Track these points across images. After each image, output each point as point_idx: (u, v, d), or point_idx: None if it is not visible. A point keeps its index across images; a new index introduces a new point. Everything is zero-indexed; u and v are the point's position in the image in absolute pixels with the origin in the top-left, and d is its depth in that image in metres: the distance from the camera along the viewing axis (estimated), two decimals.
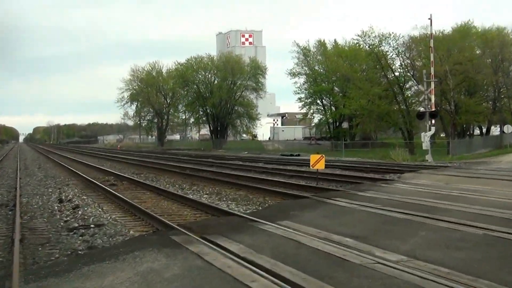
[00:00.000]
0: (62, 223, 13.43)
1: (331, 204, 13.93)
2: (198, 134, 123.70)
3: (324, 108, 77.47)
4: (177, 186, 22.39)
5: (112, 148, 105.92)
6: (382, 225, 10.77)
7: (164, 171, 30.53)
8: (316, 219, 11.73)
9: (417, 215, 11.64)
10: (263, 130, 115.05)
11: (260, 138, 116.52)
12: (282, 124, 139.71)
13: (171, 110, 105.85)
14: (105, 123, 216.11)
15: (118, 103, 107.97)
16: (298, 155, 54.74)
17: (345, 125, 78.86)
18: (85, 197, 18.54)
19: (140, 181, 23.42)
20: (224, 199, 17.54)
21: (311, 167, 21.11)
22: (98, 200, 17.63)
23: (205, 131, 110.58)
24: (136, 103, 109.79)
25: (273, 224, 10.81)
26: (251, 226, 10.77)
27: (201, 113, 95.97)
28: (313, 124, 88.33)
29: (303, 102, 77.48)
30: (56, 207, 16.42)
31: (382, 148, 54.21)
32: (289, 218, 11.69)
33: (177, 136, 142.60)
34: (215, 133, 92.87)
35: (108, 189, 19.29)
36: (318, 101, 77.77)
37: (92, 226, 12.72)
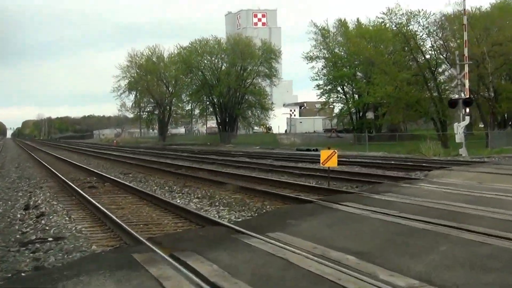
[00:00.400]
0: (18, 236, 12.69)
1: (337, 211, 13.05)
2: (205, 127, 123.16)
3: (345, 96, 76.61)
4: (166, 188, 21.67)
5: (107, 144, 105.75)
6: (395, 237, 9.88)
7: (157, 171, 29.85)
8: (316, 229, 10.87)
9: (440, 224, 10.74)
10: (278, 121, 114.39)
11: (275, 130, 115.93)
12: (300, 115, 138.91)
13: (173, 100, 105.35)
14: (102, 115, 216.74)
15: (114, 93, 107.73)
16: (316, 149, 53.67)
17: (369, 115, 77.94)
18: (55, 203, 17.81)
19: (124, 182, 22.69)
20: (217, 204, 16.76)
21: (321, 165, 20.18)
22: (69, 207, 16.90)
23: (213, 123, 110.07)
24: (134, 93, 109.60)
25: (262, 237, 9.96)
26: (235, 240, 9.93)
27: (207, 103, 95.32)
28: (334, 115, 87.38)
29: (322, 90, 76.68)
30: (18, 215, 15.72)
31: (411, 141, 53.22)
32: (283, 228, 10.87)
33: (181, 130, 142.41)
34: (223, 125, 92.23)
35: (83, 193, 18.49)
36: (339, 88, 77.00)
37: (50, 239, 11.95)
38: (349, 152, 50.39)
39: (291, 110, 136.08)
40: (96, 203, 15.66)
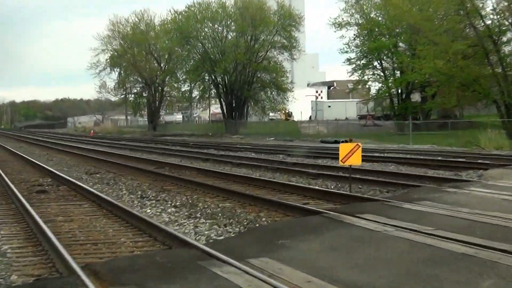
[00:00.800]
0: None
1: (351, 226, 12.23)
2: (208, 112, 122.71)
3: (384, 73, 76.03)
4: (138, 193, 21.06)
5: (83, 135, 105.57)
6: (422, 266, 9.03)
7: (132, 169, 29.37)
8: (316, 253, 10.09)
9: (487, 247, 9.93)
10: (301, 106, 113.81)
11: (297, 117, 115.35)
12: (328, 97, 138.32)
13: (167, 79, 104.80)
14: (79, 99, 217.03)
15: (92, 70, 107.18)
16: (346, 141, 53.05)
17: (415, 97, 77.23)
18: None
19: (84, 186, 21.96)
20: (198, 214, 16.07)
21: (340, 163, 19.39)
22: (2, 219, 16.19)
23: (216, 108, 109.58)
24: (117, 70, 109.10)
25: (239, 265, 9.17)
26: (201, 269, 9.13)
27: (209, 82, 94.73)
28: (370, 97, 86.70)
29: (354, 65, 75.99)
30: None
31: (468, 131, 52.58)
32: (272, 251, 10.17)
33: (178, 116, 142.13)
34: (229, 111, 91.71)
35: (24, 200, 17.75)
36: (376, 63, 76.39)
37: None
38: (388, 144, 50.01)
39: (317, 91, 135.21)
40: (35, 215, 14.93)
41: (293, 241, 10.98)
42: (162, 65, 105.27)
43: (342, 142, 51.91)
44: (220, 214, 15.87)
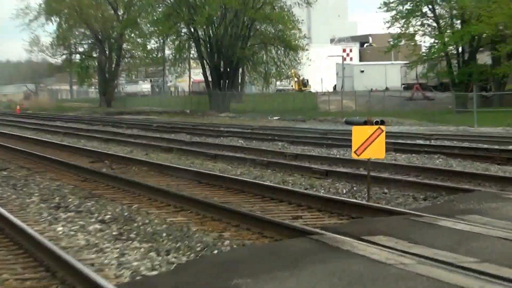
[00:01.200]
0: None
1: (349, 256, 11.59)
2: (188, 81, 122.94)
3: (438, 23, 75.66)
4: (54, 200, 20.72)
5: (6, 112, 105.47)
6: None
7: (57, 164, 29.34)
8: None
9: None
10: (322, 71, 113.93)
11: (315, 87, 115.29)
12: (360, 59, 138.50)
13: (126, 33, 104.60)
14: (4, 61, 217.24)
15: (20, 20, 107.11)
16: (381, 122, 52.64)
17: (483, 58, 76.99)
18: None
19: None
20: (133, 234, 15.58)
21: (353, 155, 18.94)
22: None
23: (196, 75, 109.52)
24: (56, 20, 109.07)
25: None
26: None
27: (186, 37, 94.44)
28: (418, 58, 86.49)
29: (394, 12, 75.82)
30: None
31: None
32: None
33: (145, 86, 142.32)
34: (215, 79, 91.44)
35: None
36: (426, 9, 76.09)
37: None
38: (442, 126, 49.73)
39: (344, 50, 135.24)
40: None
41: (255, 280, 10.38)
42: (120, 12, 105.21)
43: (376, 123, 51.73)
44: (164, 234, 15.44)
